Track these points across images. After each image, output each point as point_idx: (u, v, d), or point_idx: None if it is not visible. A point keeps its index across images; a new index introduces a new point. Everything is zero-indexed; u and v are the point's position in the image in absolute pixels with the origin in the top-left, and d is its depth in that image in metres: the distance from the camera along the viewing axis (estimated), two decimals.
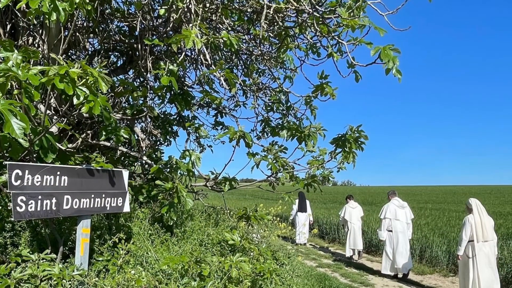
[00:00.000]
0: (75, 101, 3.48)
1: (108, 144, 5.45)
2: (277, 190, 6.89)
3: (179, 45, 4.83)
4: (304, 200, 17.46)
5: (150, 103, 6.49)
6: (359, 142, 6.25)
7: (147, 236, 5.34)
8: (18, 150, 3.56)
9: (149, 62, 5.89)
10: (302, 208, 17.47)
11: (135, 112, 5.83)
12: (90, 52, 6.68)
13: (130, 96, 5.74)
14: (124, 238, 4.60)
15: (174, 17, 5.38)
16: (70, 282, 3.65)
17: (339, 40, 6.13)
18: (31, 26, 5.35)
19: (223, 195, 7.53)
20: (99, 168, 4.33)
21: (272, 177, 6.61)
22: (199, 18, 5.16)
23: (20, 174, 3.42)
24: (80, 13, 5.21)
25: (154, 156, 6.56)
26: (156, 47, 6.50)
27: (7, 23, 5.35)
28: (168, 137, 7.38)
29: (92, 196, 4.19)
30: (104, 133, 4.83)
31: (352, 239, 14.25)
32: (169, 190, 5.09)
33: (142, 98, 5.85)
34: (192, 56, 7.26)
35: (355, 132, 6.21)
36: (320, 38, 6.55)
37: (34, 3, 3.54)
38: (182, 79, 7.26)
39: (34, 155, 3.93)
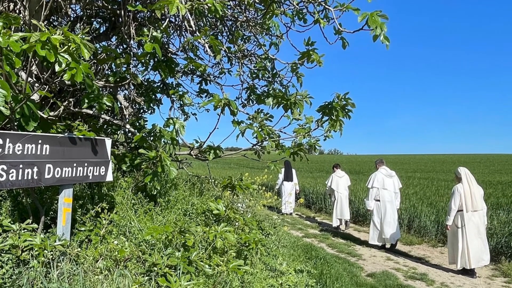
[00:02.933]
0: (57, 68, 3.42)
1: (91, 112, 5.37)
2: (263, 159, 6.86)
3: (163, 11, 4.71)
4: (290, 169, 17.45)
5: (133, 70, 6.37)
6: (346, 110, 6.21)
7: (130, 205, 5.32)
8: None
9: (132, 28, 5.77)
10: (288, 177, 17.48)
11: (118, 80, 5.74)
12: (72, 19, 6.55)
13: (113, 63, 5.64)
14: (107, 207, 4.57)
15: None
16: (52, 253, 3.62)
17: (326, 6, 6.05)
18: None
19: (207, 164, 7.49)
20: (81, 136, 4.28)
21: (258, 146, 6.56)
22: None
23: (1, 142, 3.37)
24: None
25: (137, 124, 6.48)
26: (139, 13, 6.36)
27: None
28: (151, 104, 7.27)
29: (74, 165, 4.14)
30: (86, 100, 4.76)
31: (339, 208, 14.29)
32: (152, 159, 5.05)
33: (125, 65, 5.74)
34: (176, 22, 7.14)
35: (342, 99, 6.15)
36: (306, 4, 6.45)
37: None
38: (166, 46, 7.17)
39: (15, 123, 3.86)
